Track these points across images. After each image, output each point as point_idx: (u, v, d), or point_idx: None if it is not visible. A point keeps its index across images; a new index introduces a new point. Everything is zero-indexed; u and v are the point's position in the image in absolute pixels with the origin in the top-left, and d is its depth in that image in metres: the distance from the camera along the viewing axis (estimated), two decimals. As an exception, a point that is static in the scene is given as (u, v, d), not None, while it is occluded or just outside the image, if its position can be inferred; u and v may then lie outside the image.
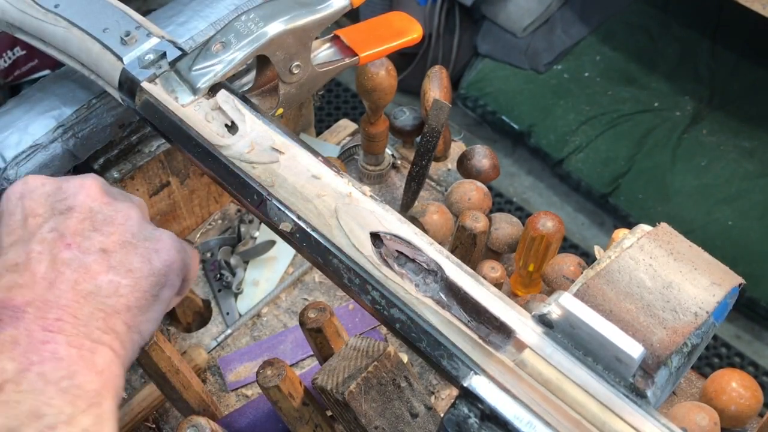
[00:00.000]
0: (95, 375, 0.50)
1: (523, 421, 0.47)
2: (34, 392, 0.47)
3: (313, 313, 0.71)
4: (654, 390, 0.48)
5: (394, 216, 0.56)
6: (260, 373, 0.67)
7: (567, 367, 0.49)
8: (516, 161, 2.38)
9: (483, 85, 2.38)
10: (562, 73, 2.37)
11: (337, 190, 0.57)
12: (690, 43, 2.36)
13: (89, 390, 0.49)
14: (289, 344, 0.93)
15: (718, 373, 0.78)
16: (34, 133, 0.74)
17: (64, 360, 0.49)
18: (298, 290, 0.99)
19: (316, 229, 0.55)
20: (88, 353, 0.51)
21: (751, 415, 0.75)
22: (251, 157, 0.59)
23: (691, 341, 0.49)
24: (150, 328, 0.58)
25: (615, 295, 0.50)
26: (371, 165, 1.03)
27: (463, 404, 0.49)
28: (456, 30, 2.43)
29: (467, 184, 0.92)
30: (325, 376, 0.65)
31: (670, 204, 2.07)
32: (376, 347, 0.66)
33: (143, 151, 0.87)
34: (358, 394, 0.63)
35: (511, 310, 0.51)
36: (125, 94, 0.66)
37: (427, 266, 0.53)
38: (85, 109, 0.76)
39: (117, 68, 0.65)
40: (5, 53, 1.87)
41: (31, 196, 0.58)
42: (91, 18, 0.68)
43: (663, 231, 0.54)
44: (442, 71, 0.95)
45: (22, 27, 0.70)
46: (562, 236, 0.84)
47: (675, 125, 2.22)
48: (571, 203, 2.28)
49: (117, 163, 0.85)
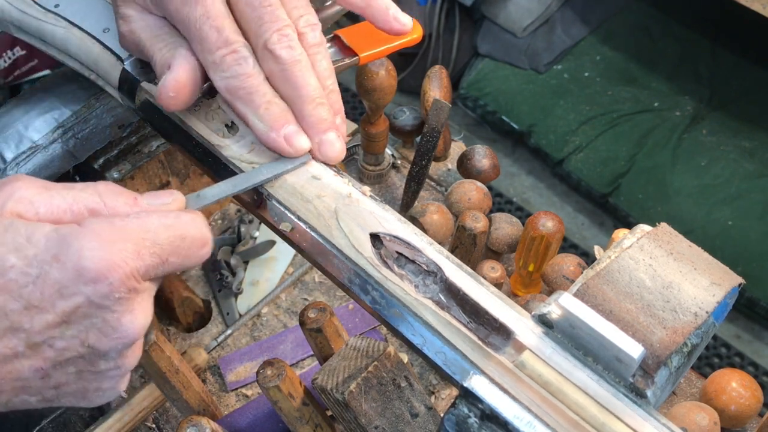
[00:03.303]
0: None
1: (523, 421, 0.47)
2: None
3: (313, 313, 0.71)
4: (654, 390, 0.48)
5: (393, 216, 0.56)
6: (260, 373, 0.68)
7: (566, 368, 0.49)
8: (516, 161, 2.38)
9: (483, 85, 2.38)
10: (562, 73, 2.37)
11: (336, 191, 0.57)
12: (690, 43, 2.36)
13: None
14: (289, 344, 0.94)
15: (718, 373, 0.78)
16: (34, 133, 0.74)
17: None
18: (298, 290, 0.99)
19: (316, 230, 0.55)
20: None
21: (751, 415, 0.75)
22: (251, 157, 0.59)
23: (691, 341, 0.49)
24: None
25: (615, 295, 0.50)
26: (371, 165, 1.03)
27: (463, 404, 0.49)
28: (456, 30, 2.43)
29: (467, 184, 0.92)
30: (325, 376, 0.65)
31: (670, 204, 2.07)
32: (376, 347, 0.66)
33: (143, 151, 0.87)
34: (358, 394, 0.63)
35: (511, 311, 0.51)
36: (125, 94, 0.66)
37: (427, 267, 0.53)
38: (85, 109, 0.77)
39: (117, 68, 0.65)
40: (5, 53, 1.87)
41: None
42: (91, 18, 0.68)
43: (663, 231, 0.54)
44: (442, 71, 0.95)
45: (22, 27, 0.70)
46: (562, 236, 0.84)
47: (675, 125, 2.22)
48: (571, 203, 2.28)
49: (117, 163, 0.85)
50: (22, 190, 0.47)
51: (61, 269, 0.44)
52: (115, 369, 0.49)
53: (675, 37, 2.38)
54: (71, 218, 0.47)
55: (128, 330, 0.47)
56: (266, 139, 0.56)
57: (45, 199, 0.47)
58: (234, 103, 0.57)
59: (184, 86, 0.57)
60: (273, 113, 0.56)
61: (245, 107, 0.56)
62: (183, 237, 0.48)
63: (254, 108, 0.56)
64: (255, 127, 0.56)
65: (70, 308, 0.45)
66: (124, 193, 0.50)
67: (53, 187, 0.48)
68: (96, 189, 0.49)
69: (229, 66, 0.56)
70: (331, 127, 0.57)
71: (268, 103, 0.56)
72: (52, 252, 0.44)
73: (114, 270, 0.45)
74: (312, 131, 0.57)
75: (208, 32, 0.56)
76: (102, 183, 0.50)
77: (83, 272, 0.44)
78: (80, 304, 0.45)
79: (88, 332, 0.46)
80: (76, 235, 0.45)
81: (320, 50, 0.58)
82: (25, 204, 0.46)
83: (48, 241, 0.45)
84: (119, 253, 0.45)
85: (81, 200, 0.48)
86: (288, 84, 0.56)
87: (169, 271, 0.48)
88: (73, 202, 0.48)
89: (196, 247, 0.49)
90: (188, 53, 0.57)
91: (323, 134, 0.57)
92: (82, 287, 0.44)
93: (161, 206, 0.50)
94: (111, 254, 0.45)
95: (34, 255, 0.44)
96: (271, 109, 0.56)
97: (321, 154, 0.57)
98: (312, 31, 0.58)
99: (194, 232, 0.49)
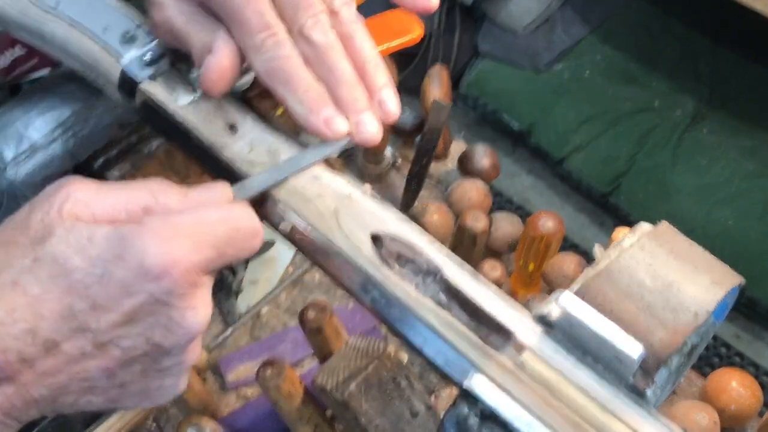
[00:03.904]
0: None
1: (524, 420, 0.47)
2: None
3: (313, 313, 0.71)
4: (654, 390, 0.48)
5: (394, 215, 0.56)
6: (260, 373, 0.68)
7: (566, 368, 0.49)
8: (516, 161, 2.38)
9: (483, 85, 2.37)
10: (562, 73, 2.36)
11: (337, 191, 0.57)
12: (690, 43, 2.36)
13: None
14: (289, 344, 0.94)
15: (718, 373, 0.78)
16: (34, 133, 0.74)
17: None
18: (298, 290, 0.99)
19: (317, 229, 0.55)
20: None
21: (751, 415, 0.75)
22: (251, 158, 0.59)
23: (691, 341, 0.49)
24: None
25: (615, 295, 0.50)
26: (371, 165, 1.02)
27: (463, 404, 0.49)
28: (456, 30, 2.43)
29: (467, 184, 0.92)
30: (325, 376, 0.65)
31: (671, 203, 2.07)
32: (376, 347, 0.66)
33: (143, 150, 0.87)
34: (358, 394, 0.63)
35: (511, 310, 0.51)
36: (125, 94, 0.66)
37: (427, 267, 0.53)
38: (85, 109, 0.76)
39: (117, 68, 0.65)
40: (5, 53, 1.87)
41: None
42: (91, 17, 0.68)
43: (664, 230, 0.54)
44: (442, 71, 0.95)
45: (22, 26, 0.70)
46: (562, 236, 0.84)
47: (675, 125, 2.22)
48: (572, 203, 2.27)
49: (117, 163, 0.85)
50: (78, 192, 0.48)
51: (124, 268, 0.45)
52: (177, 365, 0.49)
53: (675, 36, 2.38)
54: (126, 217, 0.48)
55: (192, 325, 0.47)
56: (306, 121, 0.57)
57: (100, 200, 0.48)
58: (274, 86, 0.57)
59: (227, 69, 0.57)
60: (312, 96, 0.56)
61: (285, 90, 0.57)
62: (237, 228, 0.49)
63: (293, 90, 0.56)
64: (294, 109, 0.57)
65: (135, 306, 0.45)
66: (174, 188, 0.50)
67: (107, 187, 0.49)
68: (147, 187, 0.50)
69: (269, 49, 0.56)
70: (367, 108, 0.57)
71: (307, 85, 0.56)
72: (115, 252, 0.45)
73: (176, 266, 0.45)
74: (348, 113, 0.57)
75: (249, 16, 0.56)
76: (153, 181, 0.51)
77: (146, 270, 0.45)
78: (145, 301, 0.45)
79: (154, 329, 0.46)
80: (137, 233, 0.45)
81: (358, 26, 0.59)
82: (81, 206, 0.47)
83: (109, 241, 0.45)
84: (179, 248, 0.46)
85: (134, 199, 0.49)
86: (323, 67, 0.57)
87: (226, 263, 0.49)
88: (127, 202, 0.48)
89: (249, 238, 0.50)
90: (228, 36, 0.58)
91: (359, 115, 0.57)
92: (146, 284, 0.45)
93: (211, 200, 0.51)
94: (172, 250, 0.45)
95: (97, 255, 0.45)
96: (310, 92, 0.56)
97: (359, 134, 0.57)
98: (347, 8, 0.59)
99: (246, 222, 0.50)
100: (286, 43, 0.56)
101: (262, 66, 0.57)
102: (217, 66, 0.57)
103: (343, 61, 0.57)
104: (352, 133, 0.57)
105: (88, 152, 0.78)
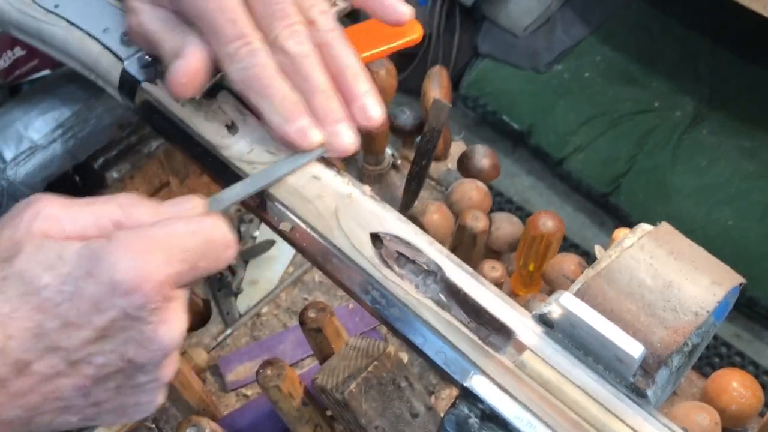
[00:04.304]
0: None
1: (524, 421, 0.47)
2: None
3: (313, 313, 0.71)
4: (654, 390, 0.48)
5: (394, 216, 0.56)
6: (260, 373, 0.68)
7: (567, 368, 0.49)
8: (516, 161, 2.38)
9: (483, 85, 2.38)
10: (562, 73, 2.37)
11: (337, 191, 0.57)
12: (690, 43, 2.36)
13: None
14: (289, 344, 0.93)
15: (719, 373, 0.78)
16: (34, 133, 0.74)
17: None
18: (298, 290, 0.99)
19: (317, 229, 0.55)
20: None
21: (752, 415, 0.75)
22: (251, 158, 0.59)
23: (692, 341, 0.49)
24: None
25: (615, 295, 0.50)
26: (371, 165, 1.02)
27: (463, 404, 0.49)
28: (456, 30, 2.43)
29: (467, 184, 0.92)
30: (325, 376, 0.65)
31: (671, 204, 2.07)
32: (376, 347, 0.66)
33: (143, 151, 0.86)
34: (358, 394, 0.63)
35: (512, 311, 0.51)
36: (125, 95, 0.66)
37: (427, 267, 0.53)
38: (85, 109, 0.76)
39: (117, 68, 0.65)
40: (5, 53, 1.87)
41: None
42: (91, 18, 0.68)
43: (664, 230, 0.54)
44: (442, 71, 0.95)
45: (22, 27, 0.70)
46: (562, 236, 0.84)
47: (675, 125, 2.22)
48: (571, 203, 2.28)
49: (116, 163, 0.85)
50: (47, 209, 0.47)
51: (95, 284, 0.44)
52: (153, 381, 0.49)
53: (675, 37, 2.38)
54: (97, 233, 0.47)
55: (165, 340, 0.46)
56: (280, 131, 0.57)
57: (70, 216, 0.47)
58: (249, 95, 0.57)
59: (195, 72, 0.57)
60: (287, 106, 0.56)
61: (260, 99, 0.56)
62: (209, 240, 0.48)
63: (269, 98, 0.56)
64: (269, 119, 0.57)
65: (107, 322, 0.45)
66: (144, 203, 0.50)
67: (75, 203, 0.48)
68: (117, 201, 0.49)
69: (243, 57, 0.56)
70: (342, 119, 0.57)
71: (282, 94, 0.56)
72: (85, 268, 0.44)
73: (147, 280, 0.44)
74: (324, 123, 0.57)
75: (223, 24, 0.56)
76: (123, 195, 0.50)
77: (117, 285, 0.44)
78: (116, 317, 0.45)
79: (127, 345, 0.46)
80: (107, 249, 0.45)
81: (335, 34, 0.59)
82: (51, 222, 0.46)
83: (80, 258, 0.45)
84: (150, 262, 0.45)
85: (105, 214, 0.48)
86: (299, 77, 0.57)
87: (198, 276, 0.48)
88: (98, 217, 0.48)
89: (222, 249, 0.49)
90: (199, 41, 0.57)
91: (335, 126, 0.57)
92: (118, 300, 0.44)
93: (182, 213, 0.50)
94: (143, 264, 0.45)
95: (67, 273, 0.44)
96: (285, 101, 0.56)
97: (333, 145, 0.57)
98: (324, 17, 0.59)
99: (219, 235, 0.49)
100: (260, 53, 0.56)
101: (236, 75, 0.56)
102: (184, 70, 0.57)
103: (318, 71, 0.57)
104: (327, 144, 0.57)
105: (88, 152, 0.78)
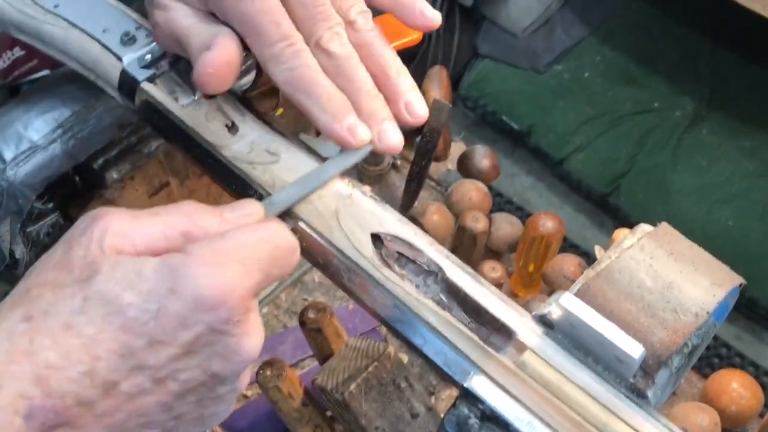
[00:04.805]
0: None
1: (524, 421, 0.47)
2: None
3: (313, 314, 0.71)
4: (654, 390, 0.48)
5: (394, 216, 0.56)
6: (260, 373, 0.68)
7: (567, 368, 0.49)
8: (516, 161, 2.38)
9: (483, 85, 2.38)
10: (562, 74, 2.37)
11: (337, 191, 0.57)
12: (690, 43, 2.36)
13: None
14: (289, 345, 0.93)
15: (719, 374, 0.78)
16: (34, 133, 0.74)
17: None
18: (298, 291, 0.99)
19: (317, 230, 0.55)
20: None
21: (752, 416, 0.75)
22: (251, 158, 0.59)
23: (692, 342, 0.49)
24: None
25: (615, 296, 0.50)
26: (371, 165, 1.02)
27: (463, 405, 0.49)
28: (456, 31, 2.43)
29: (467, 184, 0.92)
30: (325, 376, 0.65)
31: (671, 204, 2.07)
32: (376, 348, 0.66)
33: (143, 151, 0.86)
34: (359, 395, 0.63)
35: (512, 311, 0.51)
36: (125, 95, 0.66)
37: (428, 267, 0.53)
38: (85, 109, 0.76)
39: (117, 68, 0.65)
40: (5, 53, 1.87)
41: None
42: (90, 18, 0.68)
43: (664, 231, 0.54)
44: (442, 71, 0.95)
45: (22, 27, 0.70)
46: (562, 236, 0.84)
47: (675, 125, 2.22)
48: (571, 203, 2.27)
49: (116, 164, 0.85)
50: (114, 223, 0.46)
51: (179, 301, 0.44)
52: (232, 392, 0.49)
53: (675, 37, 2.38)
54: (165, 245, 0.46)
55: (248, 351, 0.46)
56: (329, 130, 0.56)
57: (138, 230, 0.46)
58: (295, 96, 0.57)
59: (225, 64, 0.57)
60: (334, 105, 0.56)
61: (307, 99, 0.56)
62: (278, 247, 0.48)
63: (317, 98, 0.56)
64: (318, 118, 0.56)
65: (193, 338, 0.44)
66: (208, 210, 0.49)
67: (141, 215, 0.47)
68: (182, 210, 0.48)
69: (288, 58, 0.56)
70: (388, 118, 0.58)
71: (329, 94, 0.56)
72: (167, 285, 0.44)
73: (230, 294, 0.44)
74: (370, 122, 0.57)
75: (267, 26, 0.56)
76: (186, 203, 0.49)
77: (202, 300, 0.44)
78: (202, 332, 0.44)
79: (211, 359, 0.45)
80: (187, 264, 0.44)
81: (375, 33, 0.60)
82: (120, 237, 0.46)
83: (160, 275, 0.44)
84: (232, 276, 0.45)
85: (172, 225, 0.47)
86: (343, 78, 0.57)
87: (271, 284, 0.48)
88: (165, 228, 0.47)
89: (289, 255, 0.49)
90: (230, 35, 0.57)
91: (381, 125, 0.57)
92: (203, 315, 0.44)
93: (244, 218, 0.50)
94: (225, 279, 0.44)
95: (148, 290, 0.44)
96: (332, 100, 0.56)
97: (381, 143, 0.57)
98: (363, 16, 0.59)
99: (285, 240, 0.49)
100: (304, 53, 0.56)
101: (281, 76, 0.56)
102: (212, 61, 0.56)
103: (362, 72, 0.57)
104: (375, 142, 0.57)
105: (87, 153, 0.78)
